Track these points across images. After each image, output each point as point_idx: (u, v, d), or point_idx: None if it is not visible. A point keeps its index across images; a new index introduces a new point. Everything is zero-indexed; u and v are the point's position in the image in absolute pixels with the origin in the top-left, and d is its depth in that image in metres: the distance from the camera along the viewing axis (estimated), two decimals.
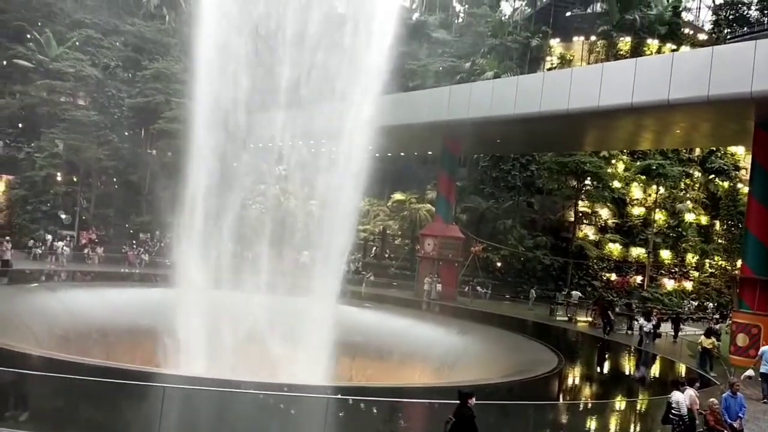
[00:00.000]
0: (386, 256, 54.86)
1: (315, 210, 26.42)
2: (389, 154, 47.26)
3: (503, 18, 61.14)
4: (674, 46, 54.69)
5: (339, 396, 13.90)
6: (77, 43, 49.46)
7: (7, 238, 37.03)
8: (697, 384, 14.32)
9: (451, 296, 40.49)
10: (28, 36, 49.26)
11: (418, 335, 29.27)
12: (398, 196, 51.89)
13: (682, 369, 24.20)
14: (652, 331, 28.67)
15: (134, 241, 45.35)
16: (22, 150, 47.80)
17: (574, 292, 40.94)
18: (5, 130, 49.89)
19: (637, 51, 53.76)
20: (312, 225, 24.87)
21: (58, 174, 46.08)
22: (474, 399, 9.93)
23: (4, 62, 51.08)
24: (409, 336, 29.42)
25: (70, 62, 46.28)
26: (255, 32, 22.85)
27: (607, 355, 28.18)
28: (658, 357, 27.51)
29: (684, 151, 52.52)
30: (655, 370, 26.13)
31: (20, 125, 49.90)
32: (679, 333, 32.64)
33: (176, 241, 45.95)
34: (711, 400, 13.64)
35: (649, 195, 52.43)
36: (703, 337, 23.84)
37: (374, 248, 55.36)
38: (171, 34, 52.36)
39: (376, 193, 49.23)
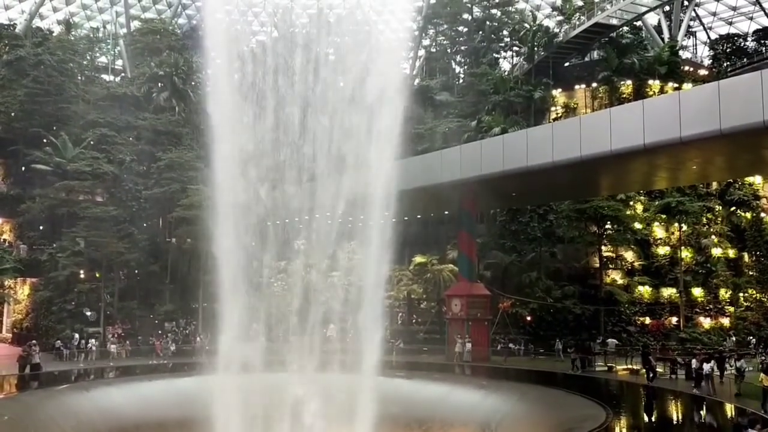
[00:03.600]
0: (413, 321, 54.08)
1: (338, 282, 26.25)
2: (405, 218, 47.33)
3: (503, 74, 62.27)
4: (676, 84, 55.25)
5: None
6: (92, 143, 50.83)
7: (34, 341, 36.97)
8: (759, 426, 13.62)
9: (484, 356, 39.56)
10: (45, 141, 50.78)
11: (456, 400, 28.42)
12: (419, 258, 51.58)
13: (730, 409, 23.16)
14: (711, 372, 27.47)
15: (160, 331, 45.15)
16: (44, 252, 48.45)
17: (610, 340, 39.90)
18: (27, 234, 50.78)
19: (639, 93, 54.36)
20: (336, 297, 24.64)
21: (81, 271, 46.41)
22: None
23: (23, 168, 52.55)
24: (448, 402, 28.57)
25: (86, 161, 47.36)
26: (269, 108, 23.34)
27: (655, 403, 27.10)
28: (706, 399, 26.40)
29: (701, 186, 52.12)
30: (708, 413, 25.03)
31: (41, 228, 50.79)
32: (725, 372, 31.44)
33: (202, 328, 45.99)
34: None
35: (672, 233, 51.72)
36: (762, 374, 22.85)
37: (400, 314, 54.63)
38: (182, 124, 53.75)
39: (396, 258, 48.98)
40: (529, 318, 46.80)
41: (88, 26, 72.42)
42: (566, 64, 60.70)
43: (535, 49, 59.66)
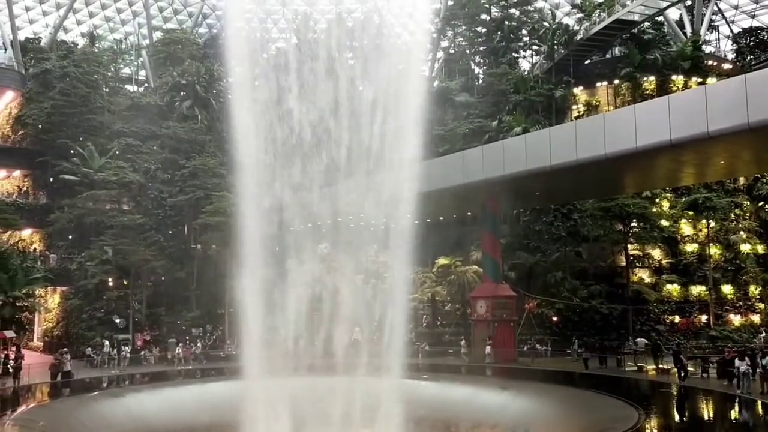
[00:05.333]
0: (438, 323, 53.92)
1: (361, 284, 26.28)
2: (428, 220, 47.26)
3: (523, 74, 61.89)
4: (700, 79, 54.45)
5: None
6: (118, 152, 51.55)
7: (66, 349, 37.60)
8: None
9: (510, 357, 39.32)
10: (72, 151, 51.63)
11: (484, 402, 28.30)
12: (443, 260, 51.41)
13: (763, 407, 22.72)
14: (748, 370, 26.85)
15: (187, 337, 45.59)
16: (74, 261, 49.26)
17: (639, 340, 39.38)
18: (57, 244, 51.66)
19: (663, 88, 53.66)
20: (360, 300, 24.67)
21: (110, 279, 47.09)
22: None
23: (51, 179, 53.48)
24: (475, 404, 28.48)
25: (112, 171, 48.04)
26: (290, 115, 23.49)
27: (687, 403, 26.70)
28: (737, 398, 25.93)
29: (728, 181, 51.29)
30: (744, 412, 24.59)
31: (70, 237, 51.64)
32: (757, 369, 30.82)
33: (229, 333, 46.35)
34: None
35: (700, 230, 50.94)
36: None
37: (424, 316, 54.49)
38: (204, 132, 54.28)
39: (420, 260, 48.91)
40: (555, 318, 46.40)
41: (112, 38, 73.44)
42: (587, 61, 60.13)
43: (555, 47, 59.21)
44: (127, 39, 74.13)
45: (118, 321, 45.42)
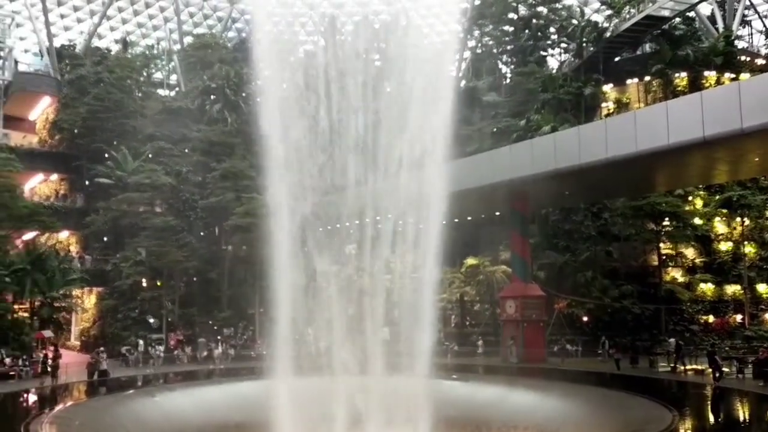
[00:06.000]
0: (467, 323, 53.80)
1: (390, 285, 26.37)
2: (456, 220, 47.14)
3: (552, 72, 61.37)
4: (733, 75, 53.33)
5: None
6: (150, 155, 52.59)
7: (102, 348, 38.46)
8: None
9: (540, 358, 39.05)
10: (106, 155, 52.79)
11: (514, 403, 28.15)
12: (471, 261, 51.29)
13: None
14: None
15: (219, 337, 46.25)
16: (109, 262, 50.39)
17: (671, 340, 38.79)
18: (93, 245, 52.86)
19: (695, 85, 52.67)
20: (389, 300, 24.77)
21: (144, 280, 48.05)
22: None
23: (87, 182, 54.73)
24: (505, 404, 28.33)
25: (145, 174, 49.00)
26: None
27: (722, 404, 26.24)
28: None
29: (763, 178, 50.09)
30: None
31: (105, 239, 52.80)
32: None
33: (260, 333, 46.85)
34: None
35: (735, 228, 49.88)
36: None
37: (453, 317, 54.42)
38: (234, 135, 54.95)
39: (447, 261, 48.83)
40: (585, 318, 45.91)
41: (144, 44, 74.98)
42: (617, 58, 59.36)
43: (584, 44, 58.57)
44: (158, 44, 75.50)
45: (151, 321, 46.33)
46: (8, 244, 41.52)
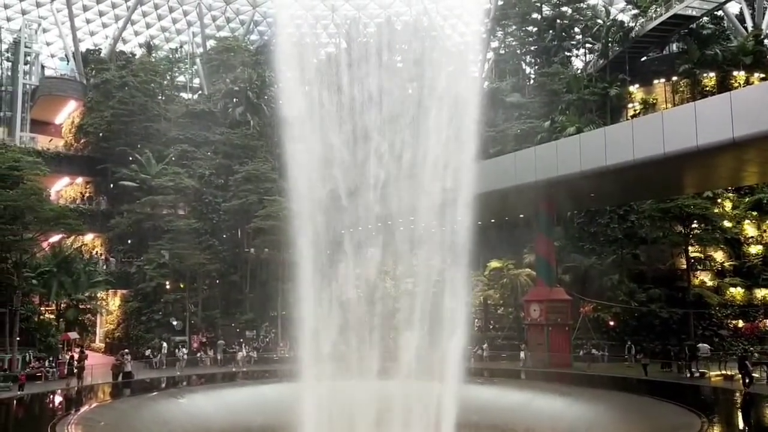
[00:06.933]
0: (490, 327, 53.26)
1: (413, 288, 26.11)
2: (479, 222, 46.64)
3: (576, 73, 60.65)
4: (762, 75, 52.32)
5: None
6: (174, 158, 52.95)
7: (126, 350, 38.74)
8: None
9: (565, 362, 38.51)
10: (131, 158, 53.28)
11: (539, 408, 27.73)
12: (494, 263, 50.78)
13: None
14: None
15: (241, 340, 46.36)
16: (133, 264, 50.80)
17: (701, 345, 37.98)
18: (117, 248, 53.35)
19: (724, 85, 51.74)
20: (411, 304, 24.52)
21: (167, 282, 48.32)
22: None
23: (111, 185, 55.29)
24: (530, 409, 27.93)
25: (169, 177, 49.34)
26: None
27: (752, 410, 25.56)
28: None
29: None
30: None
31: (129, 241, 53.26)
32: None
33: (282, 336, 46.85)
34: None
35: (765, 231, 48.83)
36: None
37: (476, 320, 53.91)
38: (256, 138, 55.20)
39: (471, 264, 48.35)
40: (612, 323, 45.16)
41: (167, 48, 75.69)
42: (643, 58, 58.51)
43: (610, 44, 57.81)
44: (181, 48, 76.18)
45: (175, 323, 46.56)
46: (35, 247, 41.99)
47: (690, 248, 47.09)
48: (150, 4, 77.54)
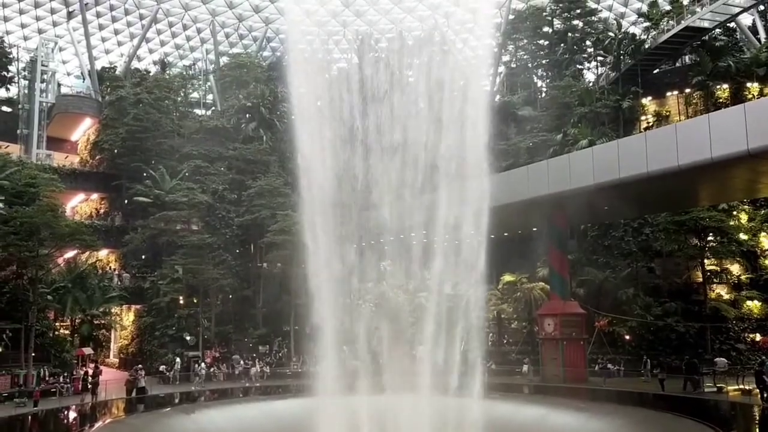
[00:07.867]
0: (504, 341, 52.89)
1: (426, 302, 26.05)
2: (492, 236, 46.45)
3: (588, 85, 60.56)
4: None
5: None
6: (187, 174, 53.28)
7: (140, 366, 38.82)
8: None
9: (580, 377, 38.08)
10: (145, 174, 53.69)
11: (555, 424, 27.39)
12: (508, 277, 50.55)
13: None
14: None
15: (254, 354, 46.31)
16: (147, 279, 51.02)
17: (718, 359, 37.44)
18: (131, 263, 53.63)
19: (737, 96, 51.40)
20: (424, 318, 24.45)
21: (180, 298, 48.48)
22: None
23: (126, 201, 55.72)
24: (545, 425, 27.61)
25: (182, 192, 49.64)
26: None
27: None
28: None
29: None
30: None
31: (143, 257, 53.53)
32: None
33: (294, 351, 46.74)
34: None
35: None
36: None
37: (490, 335, 53.55)
38: (269, 153, 55.48)
39: (484, 277, 48.14)
40: (627, 337, 44.67)
41: (181, 64, 76.58)
42: (656, 71, 58.33)
43: (622, 57, 57.68)
44: (195, 65, 77.01)
45: (188, 338, 46.63)
46: (51, 263, 42.32)
47: (706, 261, 46.59)
48: (164, 22, 78.54)
